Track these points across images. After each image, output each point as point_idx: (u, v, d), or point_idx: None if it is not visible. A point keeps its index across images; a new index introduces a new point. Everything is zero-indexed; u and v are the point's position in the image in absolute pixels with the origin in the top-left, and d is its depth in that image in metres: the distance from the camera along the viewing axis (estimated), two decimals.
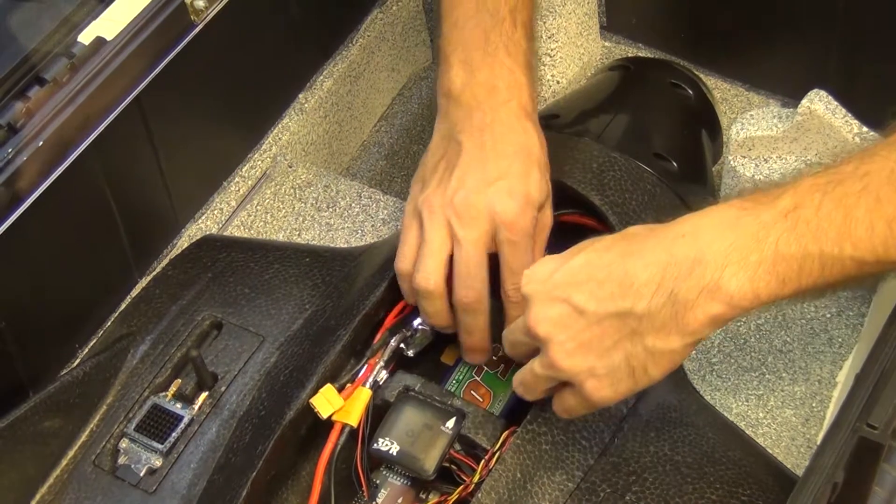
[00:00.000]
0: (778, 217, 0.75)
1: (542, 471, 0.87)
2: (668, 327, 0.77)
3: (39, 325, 1.02)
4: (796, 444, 1.00)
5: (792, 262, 0.74)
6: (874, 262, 0.74)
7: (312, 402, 0.92)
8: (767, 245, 0.75)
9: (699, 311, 0.76)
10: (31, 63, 0.97)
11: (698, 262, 0.76)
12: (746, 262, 0.75)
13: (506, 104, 0.96)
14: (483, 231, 0.92)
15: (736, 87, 1.23)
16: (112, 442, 0.97)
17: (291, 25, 1.23)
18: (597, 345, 0.80)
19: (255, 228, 1.19)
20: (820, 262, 0.74)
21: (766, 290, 0.75)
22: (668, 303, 0.76)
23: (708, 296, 0.75)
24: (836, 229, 0.74)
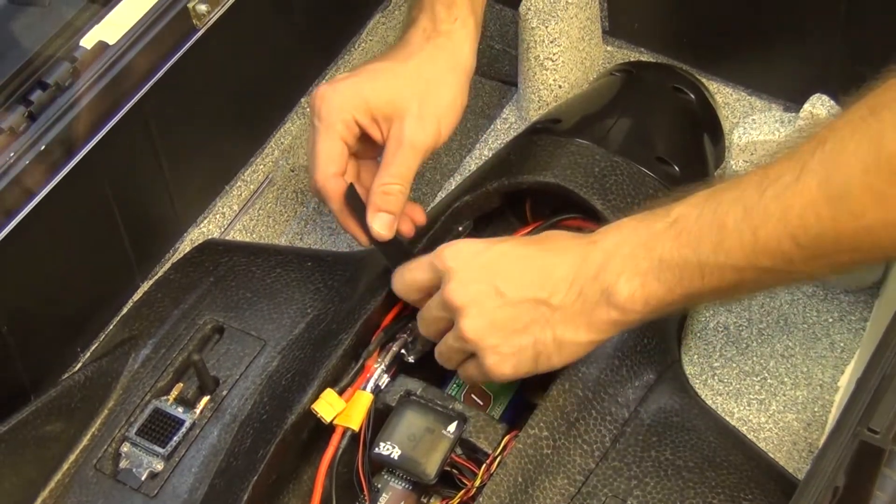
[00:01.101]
0: (665, 227, 0.80)
1: (543, 475, 0.87)
2: (577, 322, 0.83)
3: (41, 329, 1.02)
4: (798, 449, 1.00)
5: (675, 269, 0.79)
6: (750, 269, 0.77)
7: (314, 408, 0.92)
8: (655, 253, 0.80)
9: (601, 312, 0.82)
10: (33, 67, 0.97)
11: (602, 267, 0.82)
12: (637, 269, 0.80)
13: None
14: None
15: (738, 91, 1.23)
16: (113, 446, 0.97)
17: (294, 29, 1.23)
18: (508, 325, 0.85)
19: (258, 232, 1.19)
20: (699, 270, 0.78)
21: (654, 297, 0.80)
22: (578, 300, 0.83)
23: (606, 300, 0.81)
24: (712, 238, 0.78)
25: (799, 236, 0.74)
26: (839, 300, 1.08)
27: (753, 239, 0.75)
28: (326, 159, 0.98)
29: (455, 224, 1.04)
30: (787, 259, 0.75)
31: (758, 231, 0.75)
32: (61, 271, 1.02)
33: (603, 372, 0.92)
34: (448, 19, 1.01)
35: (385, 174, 0.97)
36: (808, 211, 0.73)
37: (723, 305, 1.01)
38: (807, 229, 0.73)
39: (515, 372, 0.86)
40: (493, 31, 1.40)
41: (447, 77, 1.00)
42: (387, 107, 0.98)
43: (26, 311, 1.00)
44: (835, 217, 0.72)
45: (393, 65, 1.00)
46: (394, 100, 0.98)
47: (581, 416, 0.90)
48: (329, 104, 0.99)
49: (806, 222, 0.73)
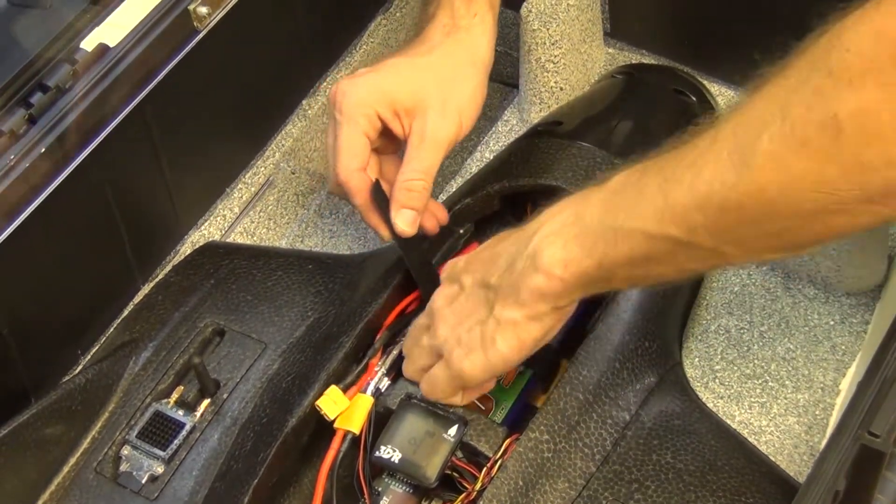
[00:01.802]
0: (596, 195, 0.80)
1: (544, 479, 0.87)
2: (510, 297, 0.82)
3: (42, 332, 1.02)
4: (799, 452, 1.00)
5: (592, 235, 0.78)
6: (661, 238, 0.74)
7: (318, 404, 0.91)
8: (581, 220, 0.79)
9: (528, 281, 0.81)
10: (33, 70, 0.97)
11: (531, 235, 0.81)
12: (562, 234, 0.79)
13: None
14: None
15: (740, 93, 1.23)
16: (114, 449, 0.97)
17: (295, 32, 1.23)
18: (466, 315, 0.86)
19: (258, 235, 1.19)
20: (613, 235, 0.77)
21: (573, 261, 0.79)
22: (510, 274, 0.82)
23: (532, 265, 0.80)
24: (628, 204, 0.76)
25: (704, 206, 0.71)
26: (840, 303, 1.08)
27: (664, 205, 0.73)
28: (349, 153, 0.98)
29: (456, 227, 1.04)
30: (693, 231, 0.72)
31: (669, 197, 0.73)
32: (62, 274, 1.02)
33: (603, 375, 0.92)
34: (467, 15, 1.01)
35: (408, 169, 0.97)
36: (714, 178, 0.70)
37: (642, 284, 0.95)
38: (711, 199, 0.71)
39: (472, 365, 0.85)
40: None
41: (467, 71, 1.00)
42: (409, 101, 0.98)
43: (27, 313, 1.00)
44: (737, 185, 0.69)
45: (414, 59, 1.00)
46: (416, 93, 0.98)
47: (582, 419, 0.90)
48: (350, 98, 0.98)
49: (712, 191, 0.70)
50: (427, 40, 1.01)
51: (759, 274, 1.10)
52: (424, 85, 0.99)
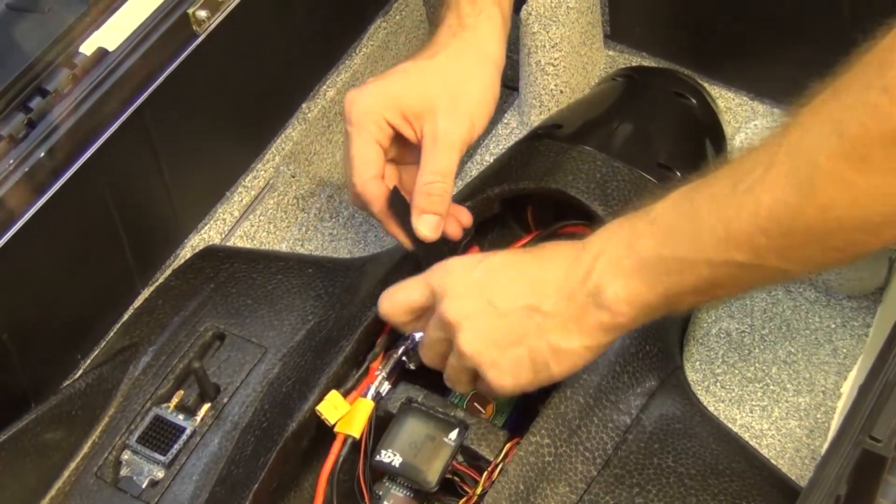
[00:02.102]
0: (646, 225, 0.79)
1: (545, 483, 0.87)
2: (569, 327, 0.82)
3: (42, 337, 1.02)
4: (801, 456, 1.00)
5: (653, 267, 0.78)
6: (724, 264, 0.75)
7: (319, 410, 0.91)
8: (635, 252, 0.79)
9: (591, 315, 0.81)
10: (32, 74, 0.97)
11: (589, 269, 0.81)
12: (621, 269, 0.79)
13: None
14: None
15: (740, 96, 1.23)
16: (114, 453, 0.97)
17: (294, 35, 1.23)
18: (503, 338, 0.84)
19: (258, 238, 1.19)
20: (676, 266, 0.77)
21: (637, 297, 0.79)
22: (569, 304, 0.82)
23: (594, 302, 0.80)
24: (686, 234, 0.77)
25: (769, 229, 0.72)
26: (842, 306, 1.08)
27: (726, 234, 0.74)
28: (363, 163, 0.97)
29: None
30: (759, 253, 0.74)
31: (730, 225, 0.74)
32: (61, 278, 1.02)
33: (604, 378, 0.92)
34: (472, 13, 1.00)
35: (425, 172, 0.95)
36: (777, 203, 0.71)
37: (710, 306, 0.99)
38: (777, 222, 0.72)
39: (516, 384, 0.85)
40: None
41: (475, 70, 0.99)
42: (417, 104, 0.97)
43: (27, 318, 1.00)
44: (802, 208, 0.70)
45: (420, 63, 0.99)
46: (424, 96, 0.97)
47: (583, 423, 0.90)
48: (359, 107, 0.97)
49: (776, 215, 0.71)
50: (435, 43, 1.01)
51: None
52: (432, 87, 0.98)
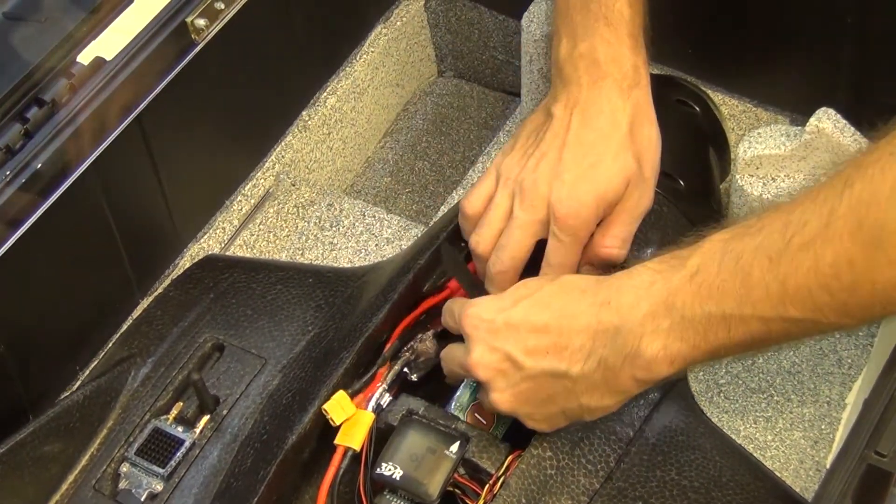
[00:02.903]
0: (684, 281, 0.77)
1: (546, 496, 0.86)
2: (601, 389, 0.82)
3: (40, 348, 1.01)
4: (805, 467, 0.99)
5: (698, 326, 0.76)
6: (778, 320, 0.74)
7: (326, 408, 0.91)
8: (675, 311, 0.77)
9: (625, 375, 0.80)
10: (30, 84, 0.96)
11: (619, 330, 0.79)
12: (658, 329, 0.77)
13: (601, 81, 0.97)
14: (537, 218, 0.95)
15: (744, 103, 1.22)
16: (113, 466, 0.96)
17: (294, 42, 1.23)
18: (533, 397, 0.85)
19: (258, 248, 1.19)
20: (725, 324, 0.75)
21: (679, 356, 0.78)
22: (598, 368, 0.81)
23: (630, 363, 0.79)
24: (735, 291, 0.75)
25: (831, 286, 0.71)
26: None
27: (782, 290, 0.72)
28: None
29: (458, 241, 1.03)
30: (817, 309, 0.72)
31: (787, 282, 0.72)
32: (59, 289, 1.02)
33: None
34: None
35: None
36: (840, 260, 0.70)
37: (748, 359, 0.98)
38: (840, 279, 0.70)
39: (553, 429, 0.87)
40: (496, 42, 1.40)
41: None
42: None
43: (24, 329, 0.99)
44: (870, 266, 0.69)
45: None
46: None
47: (585, 435, 0.89)
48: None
49: (839, 272, 0.70)
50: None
51: None
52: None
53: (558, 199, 0.94)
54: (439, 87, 1.46)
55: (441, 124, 1.42)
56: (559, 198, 0.94)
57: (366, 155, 1.37)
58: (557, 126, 0.97)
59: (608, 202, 0.95)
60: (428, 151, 1.39)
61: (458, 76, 1.47)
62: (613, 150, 0.96)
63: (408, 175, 1.37)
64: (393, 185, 1.36)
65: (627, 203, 0.96)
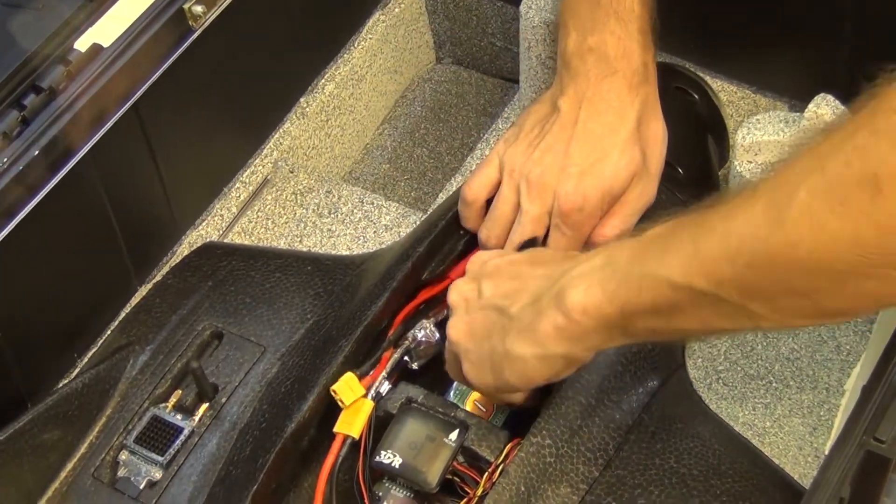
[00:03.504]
0: (631, 243, 0.77)
1: (546, 483, 0.86)
2: (525, 332, 0.80)
3: (38, 336, 1.01)
4: (804, 454, 0.99)
5: (617, 280, 0.76)
6: (686, 289, 0.72)
7: (334, 389, 0.91)
8: (610, 263, 0.77)
9: (547, 319, 0.79)
10: (26, 71, 0.96)
11: (563, 275, 0.79)
12: (591, 276, 0.77)
13: (611, 76, 0.97)
14: (545, 210, 0.96)
15: (742, 89, 1.22)
16: (111, 454, 0.96)
17: (292, 29, 1.22)
18: (476, 330, 0.84)
19: (256, 235, 1.18)
20: (638, 283, 0.74)
21: (593, 305, 0.76)
22: (531, 309, 0.80)
23: (554, 305, 0.78)
24: (658, 250, 0.74)
25: (733, 257, 0.68)
26: None
27: (693, 253, 0.71)
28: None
29: (457, 228, 1.03)
30: (719, 283, 0.70)
31: (699, 246, 0.70)
32: (57, 277, 1.02)
33: (606, 378, 0.91)
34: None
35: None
36: (746, 231, 0.67)
37: (664, 336, 0.93)
38: (741, 249, 0.68)
39: (481, 381, 0.85)
40: (494, 29, 1.40)
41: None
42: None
43: (22, 317, 0.99)
44: (768, 239, 0.66)
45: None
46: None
47: (584, 423, 0.89)
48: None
49: (742, 242, 0.68)
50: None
51: None
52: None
53: (564, 193, 0.94)
54: (437, 73, 1.45)
55: (439, 111, 1.42)
56: (565, 191, 0.94)
57: (364, 142, 1.37)
58: (565, 119, 0.97)
59: (613, 196, 0.95)
60: (426, 138, 1.39)
61: (457, 63, 1.46)
62: (620, 145, 0.96)
63: (406, 162, 1.37)
64: (391, 172, 1.36)
65: (630, 196, 0.96)
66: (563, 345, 0.79)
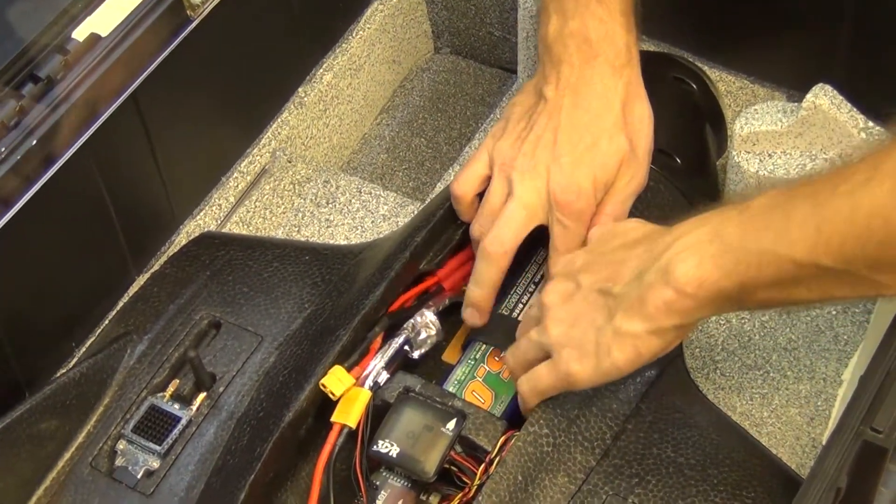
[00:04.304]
0: (734, 214, 0.78)
1: (543, 473, 0.86)
2: (634, 309, 0.80)
3: (36, 326, 1.01)
4: (801, 444, 0.99)
5: (734, 254, 0.76)
6: (811, 266, 0.74)
7: (324, 383, 0.91)
8: (719, 237, 0.77)
9: (656, 294, 0.79)
10: (24, 60, 0.96)
11: (666, 249, 0.79)
12: (699, 251, 0.78)
13: (593, 60, 0.97)
14: (536, 202, 0.95)
15: (741, 79, 1.22)
16: (109, 443, 0.96)
17: (290, 18, 1.22)
18: (580, 317, 0.84)
19: (254, 225, 1.18)
20: (757, 259, 0.76)
21: (709, 279, 0.77)
22: (637, 285, 0.80)
23: (662, 279, 0.79)
24: (775, 227, 0.75)
25: (863, 238, 0.71)
26: None
27: (817, 234, 0.72)
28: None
29: (455, 217, 1.03)
30: (848, 260, 0.72)
31: (822, 227, 0.72)
32: (55, 267, 1.01)
33: None
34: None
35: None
36: (875, 213, 0.70)
37: (783, 310, 0.96)
38: (872, 233, 0.70)
39: (582, 369, 0.84)
40: (492, 18, 1.39)
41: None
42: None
43: (20, 307, 0.99)
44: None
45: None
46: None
47: (581, 413, 0.89)
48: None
49: (872, 225, 0.70)
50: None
51: None
52: None
53: (558, 185, 0.94)
54: (436, 63, 1.45)
55: (437, 101, 1.41)
56: (559, 183, 0.94)
57: (362, 132, 1.37)
58: (551, 108, 0.96)
59: (604, 184, 0.95)
60: (424, 128, 1.39)
61: (455, 52, 1.46)
62: (608, 131, 0.95)
63: (404, 152, 1.37)
64: (389, 161, 1.36)
65: (619, 182, 0.96)
66: (675, 318, 0.80)
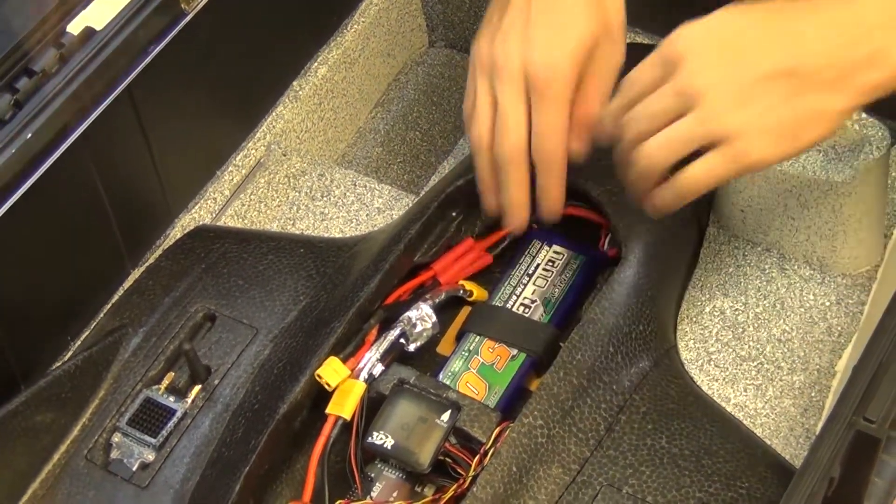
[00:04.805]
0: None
1: (537, 464, 0.87)
2: (834, 86, 0.78)
3: (31, 319, 1.01)
4: (795, 435, 0.99)
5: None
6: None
7: (319, 373, 0.91)
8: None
9: (864, 75, 0.77)
10: (19, 54, 0.96)
11: (861, 25, 0.76)
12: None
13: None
14: (520, 89, 0.90)
15: None
16: (104, 436, 0.96)
17: (285, 12, 1.22)
18: (762, 100, 0.79)
19: (249, 218, 1.18)
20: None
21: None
22: (834, 64, 0.77)
23: (871, 62, 0.76)
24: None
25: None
26: (836, 283, 1.08)
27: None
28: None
29: (449, 210, 1.03)
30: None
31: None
32: (50, 260, 1.02)
33: (597, 359, 0.91)
34: None
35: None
36: None
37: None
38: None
39: (774, 153, 0.80)
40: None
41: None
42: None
43: (15, 300, 0.99)
44: None
45: None
46: None
47: (576, 404, 0.89)
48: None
49: None
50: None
51: (754, 255, 1.10)
52: None
53: (531, 65, 0.89)
54: (430, 57, 1.45)
55: (432, 94, 1.42)
56: (532, 62, 0.89)
57: (357, 125, 1.37)
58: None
59: (580, 62, 0.90)
60: (419, 121, 1.39)
61: (450, 46, 1.46)
62: (580, 7, 0.91)
63: (399, 145, 1.37)
64: (384, 154, 1.36)
65: (598, 60, 0.92)
66: (878, 94, 0.79)
